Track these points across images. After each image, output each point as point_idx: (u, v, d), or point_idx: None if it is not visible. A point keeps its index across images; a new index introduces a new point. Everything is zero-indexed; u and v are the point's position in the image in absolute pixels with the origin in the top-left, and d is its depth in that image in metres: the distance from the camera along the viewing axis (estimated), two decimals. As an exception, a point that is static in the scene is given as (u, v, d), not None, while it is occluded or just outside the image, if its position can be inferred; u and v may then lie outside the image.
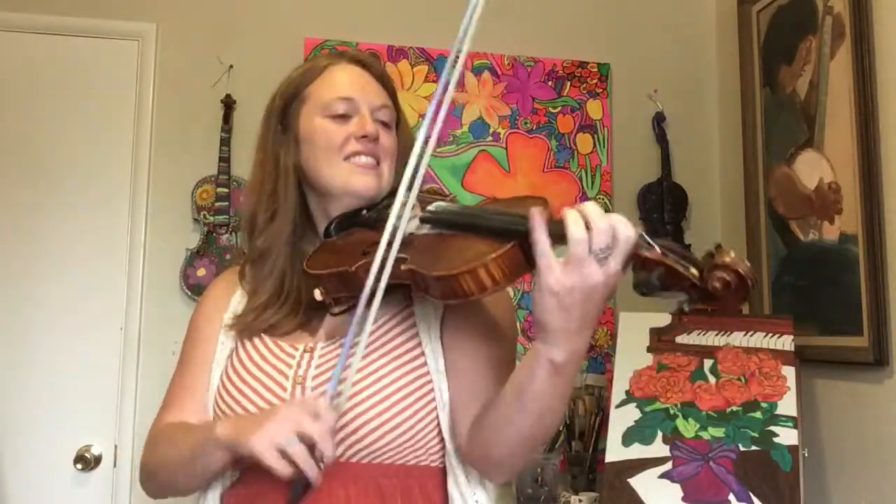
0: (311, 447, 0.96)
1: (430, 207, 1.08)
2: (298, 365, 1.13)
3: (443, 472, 1.13)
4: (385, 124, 1.20)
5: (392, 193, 1.14)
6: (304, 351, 1.14)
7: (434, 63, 2.53)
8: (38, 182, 2.32)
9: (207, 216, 2.34)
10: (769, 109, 2.40)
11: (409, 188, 1.02)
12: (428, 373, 1.11)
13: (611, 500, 1.92)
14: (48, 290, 2.29)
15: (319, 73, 1.20)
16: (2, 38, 2.35)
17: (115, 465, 2.25)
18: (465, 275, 0.94)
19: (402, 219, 1.01)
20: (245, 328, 1.18)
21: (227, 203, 2.34)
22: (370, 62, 1.23)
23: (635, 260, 0.89)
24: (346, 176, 1.16)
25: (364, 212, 1.17)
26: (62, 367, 2.26)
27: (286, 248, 1.17)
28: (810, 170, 2.19)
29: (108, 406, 2.27)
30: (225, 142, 2.37)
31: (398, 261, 1.00)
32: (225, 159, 2.36)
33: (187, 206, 2.36)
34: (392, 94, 1.24)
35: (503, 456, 1.05)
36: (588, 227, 0.88)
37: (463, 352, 1.11)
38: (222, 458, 1.06)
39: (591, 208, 0.90)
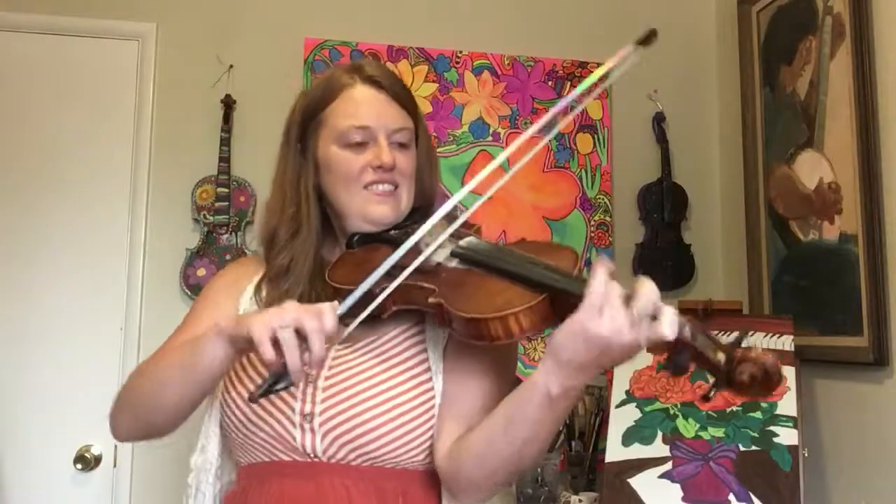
0: (303, 341, 0.95)
1: (463, 243, 1.09)
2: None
3: (437, 477, 1.14)
4: (403, 145, 1.20)
5: (418, 213, 1.18)
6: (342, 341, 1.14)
7: (434, 63, 2.53)
8: (37, 182, 2.32)
9: (207, 216, 2.34)
10: (769, 109, 2.40)
11: (448, 219, 1.04)
12: (431, 389, 1.12)
13: (611, 500, 1.92)
14: (48, 291, 2.29)
15: (337, 94, 1.19)
16: (2, 38, 2.35)
17: (115, 465, 2.25)
18: (496, 321, 0.97)
19: (430, 245, 1.03)
20: None
21: (227, 203, 2.34)
22: (387, 82, 1.20)
23: (673, 342, 0.92)
24: (364, 204, 1.17)
25: (392, 231, 1.18)
26: (62, 367, 2.26)
27: (308, 265, 1.18)
28: (810, 170, 2.19)
29: (108, 406, 2.26)
30: (225, 142, 2.37)
31: (425, 291, 1.03)
32: (225, 159, 2.36)
33: (187, 206, 2.36)
34: (411, 109, 1.23)
35: (476, 479, 1.06)
36: (640, 290, 0.93)
37: (459, 375, 1.12)
38: (220, 356, 1.04)
39: (644, 282, 0.95)
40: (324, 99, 1.20)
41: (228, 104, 2.39)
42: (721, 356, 0.91)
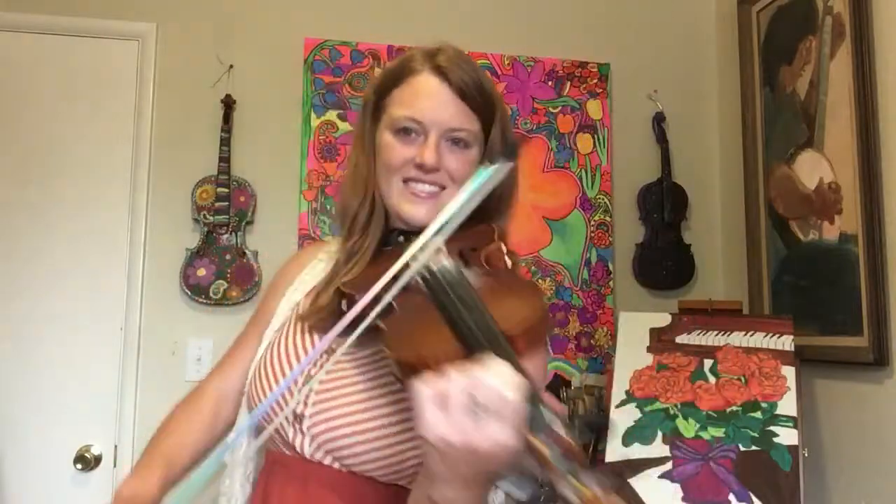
0: None
1: (434, 266, 0.92)
2: (314, 362, 1.12)
3: None
4: (461, 143, 1.10)
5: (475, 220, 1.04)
6: (325, 351, 1.11)
7: (434, 63, 2.52)
8: (37, 182, 2.32)
9: (207, 216, 2.34)
10: (769, 109, 2.40)
11: (439, 232, 0.91)
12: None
13: (611, 500, 1.92)
14: (48, 291, 2.29)
15: (403, 79, 1.12)
16: (2, 38, 2.35)
17: (115, 465, 2.25)
18: (408, 366, 0.84)
19: (414, 263, 0.90)
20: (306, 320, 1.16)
21: (227, 203, 2.34)
22: (457, 75, 1.09)
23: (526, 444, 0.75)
24: (399, 199, 1.11)
25: None
26: (62, 367, 2.26)
27: (373, 248, 1.12)
28: (810, 170, 2.19)
29: (108, 406, 2.27)
30: (225, 142, 2.37)
31: (387, 313, 0.92)
32: (225, 159, 2.36)
33: (187, 206, 2.36)
34: (483, 108, 1.11)
35: None
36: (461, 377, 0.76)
37: None
38: None
39: (489, 367, 0.77)
40: (392, 81, 1.14)
41: (228, 104, 2.39)
42: (573, 487, 0.73)
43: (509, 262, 1.07)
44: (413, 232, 1.05)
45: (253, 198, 2.37)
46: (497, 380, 0.75)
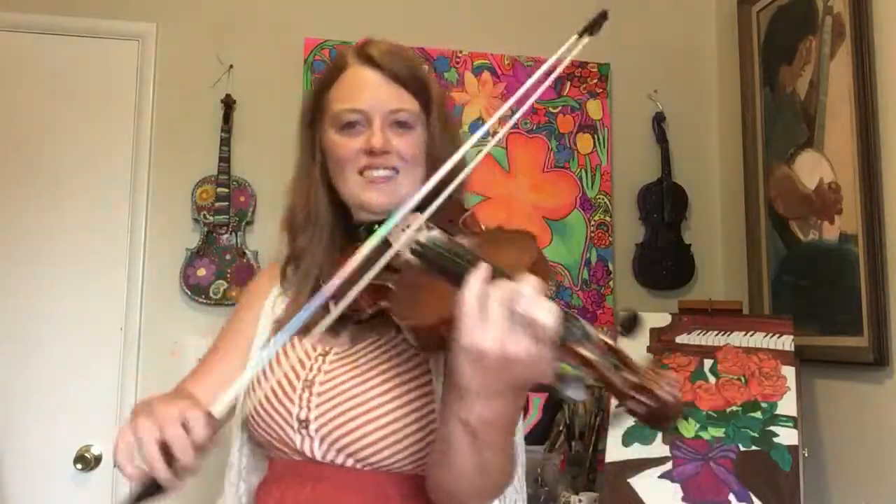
0: (169, 454, 0.89)
1: (423, 238, 1.00)
2: (311, 368, 1.12)
3: None
4: (404, 125, 1.13)
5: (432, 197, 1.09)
6: (320, 354, 1.13)
7: (434, 63, 2.53)
8: (37, 182, 2.31)
9: (207, 216, 2.34)
10: (769, 109, 2.40)
11: (419, 210, 0.95)
12: (432, 391, 1.07)
13: (611, 500, 1.92)
14: (48, 290, 2.29)
15: (336, 77, 1.16)
16: (2, 38, 2.35)
17: (115, 465, 2.24)
18: (427, 329, 0.91)
19: (396, 241, 0.95)
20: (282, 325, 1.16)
21: (227, 203, 2.34)
22: (387, 61, 1.13)
23: (565, 351, 0.81)
24: (358, 191, 1.13)
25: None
26: (62, 367, 2.26)
27: (321, 254, 1.16)
28: (810, 170, 2.19)
29: (108, 406, 2.27)
30: (225, 142, 2.37)
31: (384, 291, 0.97)
32: (225, 159, 2.36)
33: (187, 206, 2.36)
34: (416, 89, 1.15)
35: (458, 493, 0.99)
36: (511, 290, 0.82)
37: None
38: None
39: (529, 280, 0.82)
40: (326, 82, 1.17)
41: (228, 104, 2.39)
42: (627, 376, 0.80)
43: (484, 226, 1.12)
44: (377, 222, 1.06)
45: (253, 198, 2.37)
46: (534, 293, 0.80)
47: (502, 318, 0.80)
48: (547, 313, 0.79)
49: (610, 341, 0.82)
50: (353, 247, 1.10)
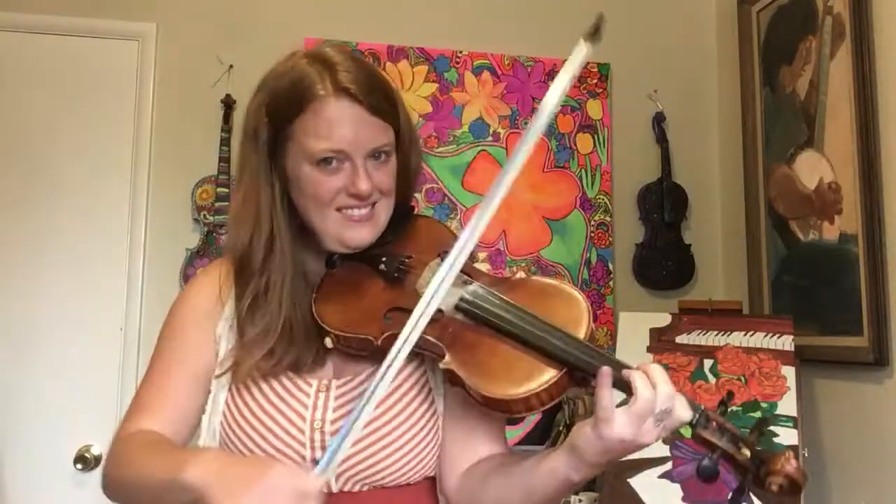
0: None
1: (467, 294, 1.01)
2: (315, 406, 1.07)
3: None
4: (382, 156, 1.08)
5: (400, 218, 1.13)
6: (319, 390, 1.08)
7: (434, 63, 2.53)
8: (37, 182, 2.31)
9: (207, 216, 2.34)
10: (769, 109, 2.40)
11: (451, 266, 0.94)
12: (436, 410, 1.10)
13: (611, 500, 1.92)
14: (48, 290, 2.29)
15: (306, 105, 1.04)
16: (2, 38, 2.35)
17: None
18: (518, 401, 0.95)
19: (434, 295, 0.94)
20: (244, 373, 1.08)
21: (227, 203, 2.34)
22: (363, 90, 1.04)
23: (697, 438, 0.95)
24: (338, 228, 1.07)
25: (377, 251, 1.10)
26: (62, 367, 2.26)
27: (287, 287, 1.08)
28: (810, 170, 2.19)
29: (108, 406, 2.27)
30: (225, 142, 2.37)
31: (434, 348, 0.99)
32: (225, 159, 2.36)
33: (187, 206, 2.36)
34: (391, 115, 1.09)
35: None
36: (654, 387, 0.94)
37: (464, 410, 1.09)
38: (189, 501, 0.93)
39: (657, 371, 0.95)
40: (292, 107, 1.06)
41: (228, 104, 2.39)
42: (745, 454, 0.93)
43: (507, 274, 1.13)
44: (353, 254, 1.09)
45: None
46: (678, 394, 0.95)
47: (654, 420, 0.94)
48: (686, 412, 0.95)
49: (733, 428, 0.94)
50: (333, 275, 1.10)
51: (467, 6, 2.61)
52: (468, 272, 1.04)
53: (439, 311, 0.97)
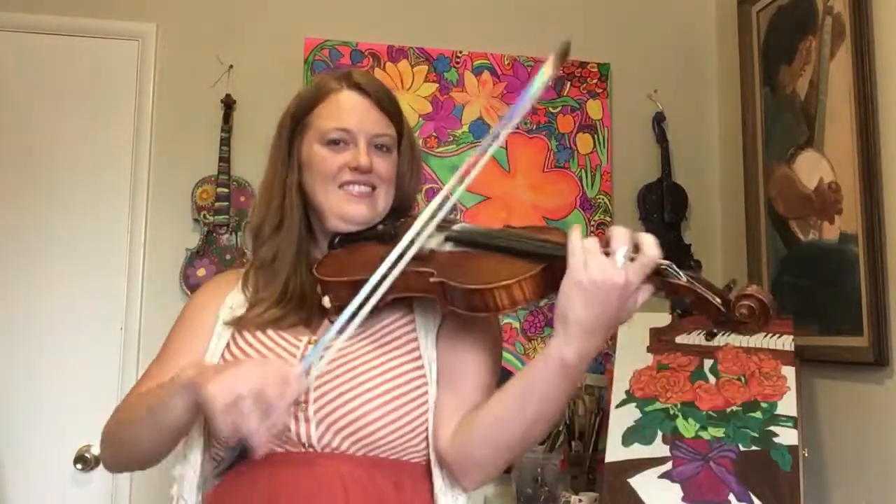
0: (266, 412, 0.94)
1: (456, 227, 1.15)
2: (302, 356, 1.14)
3: (428, 471, 1.15)
4: (384, 148, 1.24)
5: (396, 215, 1.24)
6: (309, 343, 1.16)
7: (434, 63, 2.53)
8: (37, 182, 2.32)
9: (207, 216, 2.34)
10: (769, 109, 2.40)
11: (440, 207, 1.08)
12: (423, 375, 1.15)
13: (611, 500, 1.92)
14: (48, 291, 2.29)
15: (323, 98, 1.24)
16: (2, 38, 2.35)
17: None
18: (501, 290, 1.02)
19: (423, 233, 1.07)
20: (246, 322, 1.20)
21: (227, 203, 2.34)
22: (373, 89, 1.25)
23: (667, 287, 1.01)
24: (340, 203, 1.21)
25: (380, 226, 1.23)
26: (62, 367, 2.26)
27: (291, 256, 1.22)
28: (810, 170, 2.19)
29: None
30: (225, 142, 2.37)
31: (424, 275, 1.07)
32: (225, 159, 2.36)
33: (187, 206, 2.36)
34: (396, 117, 1.27)
35: (484, 458, 1.09)
36: (612, 234, 1.00)
37: (456, 359, 1.16)
38: (183, 406, 1.04)
39: (618, 227, 1.01)
40: (312, 102, 1.26)
41: (228, 104, 2.39)
42: (717, 298, 0.98)
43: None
44: (352, 233, 1.21)
45: (253, 198, 2.37)
46: (647, 239, 0.99)
47: (606, 257, 0.98)
48: (651, 243, 0.99)
49: (697, 275, 1.01)
50: (333, 254, 1.22)
51: (467, 6, 2.61)
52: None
53: (430, 250, 1.11)
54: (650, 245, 0.99)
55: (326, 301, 1.15)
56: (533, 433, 1.07)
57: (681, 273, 1.00)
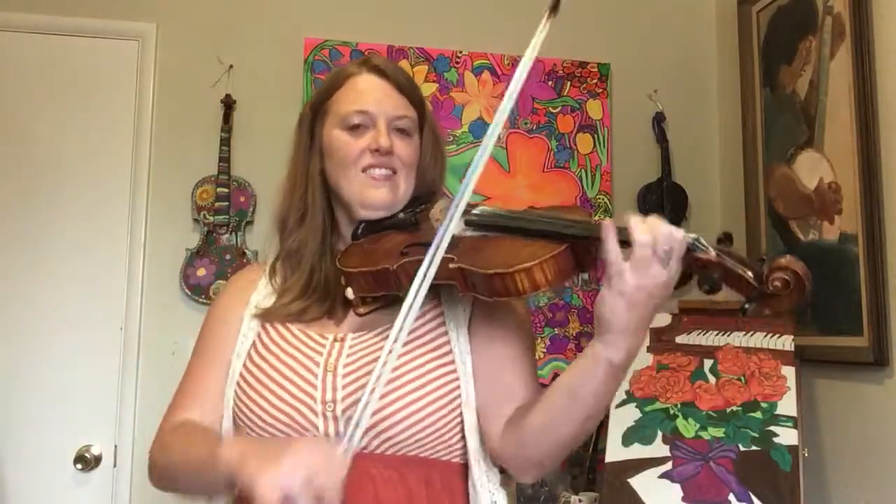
0: (319, 499, 0.91)
1: (476, 211, 1.12)
2: (329, 353, 1.13)
3: (464, 468, 1.14)
4: (405, 132, 1.22)
5: (418, 202, 1.21)
6: (335, 340, 1.15)
7: (434, 63, 2.53)
8: (37, 182, 2.32)
9: (207, 216, 2.34)
10: (769, 109, 2.40)
11: (463, 194, 1.05)
12: (455, 370, 1.13)
13: (611, 500, 1.92)
14: (48, 291, 2.29)
15: (342, 83, 1.23)
16: (2, 38, 2.35)
17: (115, 465, 2.25)
18: (522, 273, 0.99)
19: (452, 221, 1.04)
20: (271, 314, 1.20)
21: (227, 203, 2.34)
22: (392, 71, 1.24)
23: (696, 263, 0.97)
24: (362, 188, 1.19)
25: (400, 214, 1.21)
26: (62, 367, 2.26)
27: (316, 246, 1.21)
28: (810, 170, 2.19)
29: (108, 406, 2.27)
30: (225, 142, 2.37)
31: (445, 261, 1.04)
32: (225, 159, 2.36)
33: (187, 206, 2.36)
34: (415, 100, 1.25)
35: (541, 457, 1.08)
36: (652, 231, 0.96)
37: (492, 353, 1.14)
38: (229, 486, 1.00)
39: (652, 217, 0.97)
40: (331, 88, 1.25)
41: (228, 104, 2.39)
42: (749, 272, 0.94)
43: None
44: (376, 221, 1.19)
45: (253, 198, 2.38)
46: (671, 227, 0.96)
47: (661, 261, 0.94)
48: (677, 231, 0.96)
49: (728, 249, 0.98)
50: (357, 245, 1.19)
51: (467, 6, 2.61)
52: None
53: (452, 236, 1.06)
54: (671, 229, 0.96)
55: (349, 292, 1.14)
56: (585, 428, 1.05)
57: (709, 247, 0.97)
